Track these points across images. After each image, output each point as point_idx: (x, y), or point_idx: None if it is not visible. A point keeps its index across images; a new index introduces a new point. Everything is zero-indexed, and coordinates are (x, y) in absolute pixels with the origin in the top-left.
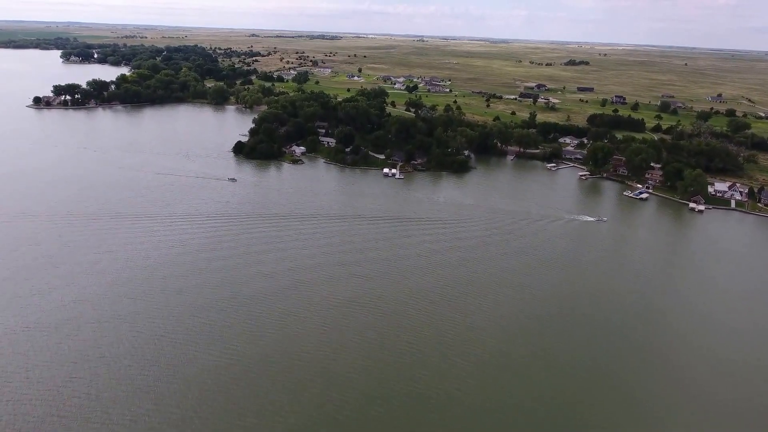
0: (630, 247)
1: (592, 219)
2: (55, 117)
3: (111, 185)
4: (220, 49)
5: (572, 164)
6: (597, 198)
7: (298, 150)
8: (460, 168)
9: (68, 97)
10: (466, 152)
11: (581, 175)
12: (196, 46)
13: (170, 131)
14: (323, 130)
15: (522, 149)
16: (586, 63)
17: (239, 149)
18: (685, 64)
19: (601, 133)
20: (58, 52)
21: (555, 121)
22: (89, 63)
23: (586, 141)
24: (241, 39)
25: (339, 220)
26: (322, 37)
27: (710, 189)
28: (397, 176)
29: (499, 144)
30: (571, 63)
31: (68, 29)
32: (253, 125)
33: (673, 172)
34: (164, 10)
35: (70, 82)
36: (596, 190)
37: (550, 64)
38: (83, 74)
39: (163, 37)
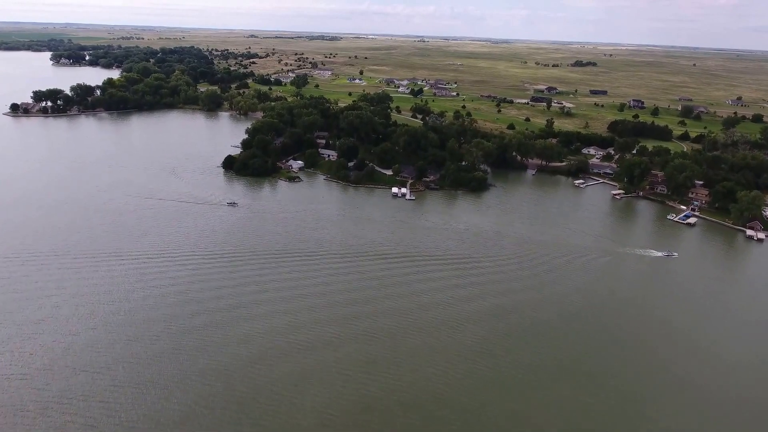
0: (732, 296)
1: (660, 254)
2: (31, 126)
3: (78, 212)
4: (216, 50)
5: (601, 180)
6: (639, 223)
7: (296, 165)
8: (477, 186)
9: (49, 104)
10: (483, 166)
11: (615, 194)
12: (192, 47)
13: (157, 142)
14: (323, 141)
15: (545, 162)
16: (594, 64)
17: (229, 164)
18: (694, 65)
19: (630, 144)
20: (49, 54)
21: (572, 128)
22: (80, 65)
23: (612, 152)
24: (240, 40)
25: (343, 259)
26: (322, 37)
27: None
28: (407, 197)
29: (518, 157)
30: (579, 64)
31: (65, 30)
32: (246, 135)
33: (723, 192)
34: (164, 10)
35: (53, 87)
36: (635, 213)
37: (557, 65)
38: (72, 77)
39: (159, 38)
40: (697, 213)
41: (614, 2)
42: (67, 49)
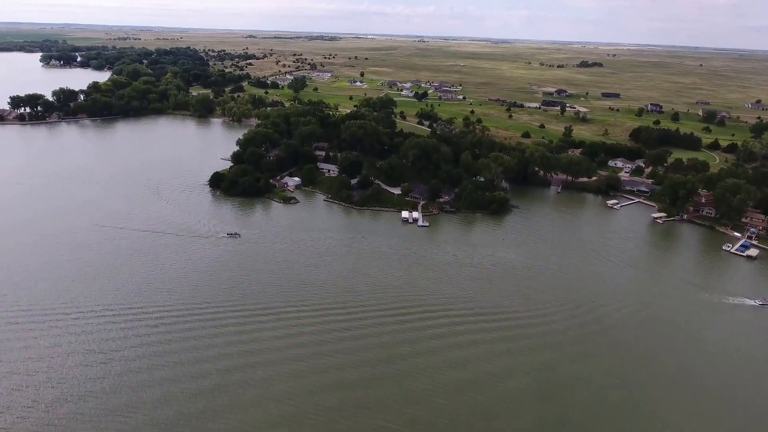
0: None
1: (753, 303)
2: (4, 134)
3: (26, 246)
4: (213, 51)
5: (636, 199)
6: (693, 256)
7: (291, 182)
8: (498, 208)
9: (27, 110)
10: (503, 183)
11: (656, 218)
12: (188, 48)
13: (140, 153)
14: (323, 153)
15: (570, 178)
16: (600, 65)
17: (216, 182)
18: (701, 65)
19: (662, 156)
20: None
21: (591, 136)
22: (71, 67)
23: (643, 165)
24: (238, 41)
25: (345, 312)
26: (321, 38)
27: None
28: (419, 222)
29: (541, 172)
30: (584, 65)
31: (62, 31)
32: (237, 147)
33: None
34: (163, 11)
35: (35, 91)
36: (685, 242)
37: (562, 66)
38: (59, 80)
39: (157, 38)
40: (755, 242)
41: (614, 2)
42: (58, 50)
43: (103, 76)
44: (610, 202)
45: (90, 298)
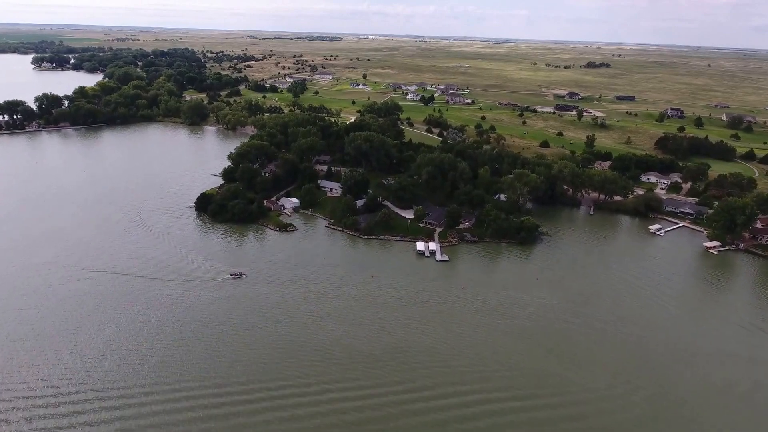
0: None
1: None
2: None
3: None
4: (211, 52)
5: (680, 222)
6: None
7: (289, 204)
8: (527, 237)
9: (5, 118)
10: (529, 205)
11: (708, 247)
12: (185, 49)
13: (123, 167)
14: (324, 168)
15: (605, 197)
16: (607, 65)
17: (203, 205)
18: (708, 66)
19: (701, 170)
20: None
21: (612, 144)
22: (63, 69)
23: (680, 180)
24: (238, 41)
25: (350, 394)
26: (322, 38)
27: None
28: (437, 256)
29: (570, 190)
30: (591, 65)
31: (62, 32)
32: (229, 162)
33: None
34: (164, 11)
35: (17, 97)
36: (751, 280)
37: (569, 67)
38: (49, 84)
39: (156, 39)
40: None
41: (614, 2)
42: (53, 51)
43: (95, 79)
44: (653, 227)
45: (38, 373)
